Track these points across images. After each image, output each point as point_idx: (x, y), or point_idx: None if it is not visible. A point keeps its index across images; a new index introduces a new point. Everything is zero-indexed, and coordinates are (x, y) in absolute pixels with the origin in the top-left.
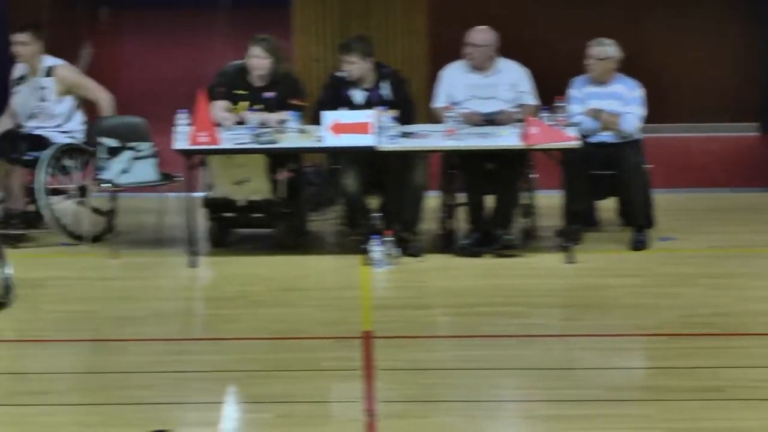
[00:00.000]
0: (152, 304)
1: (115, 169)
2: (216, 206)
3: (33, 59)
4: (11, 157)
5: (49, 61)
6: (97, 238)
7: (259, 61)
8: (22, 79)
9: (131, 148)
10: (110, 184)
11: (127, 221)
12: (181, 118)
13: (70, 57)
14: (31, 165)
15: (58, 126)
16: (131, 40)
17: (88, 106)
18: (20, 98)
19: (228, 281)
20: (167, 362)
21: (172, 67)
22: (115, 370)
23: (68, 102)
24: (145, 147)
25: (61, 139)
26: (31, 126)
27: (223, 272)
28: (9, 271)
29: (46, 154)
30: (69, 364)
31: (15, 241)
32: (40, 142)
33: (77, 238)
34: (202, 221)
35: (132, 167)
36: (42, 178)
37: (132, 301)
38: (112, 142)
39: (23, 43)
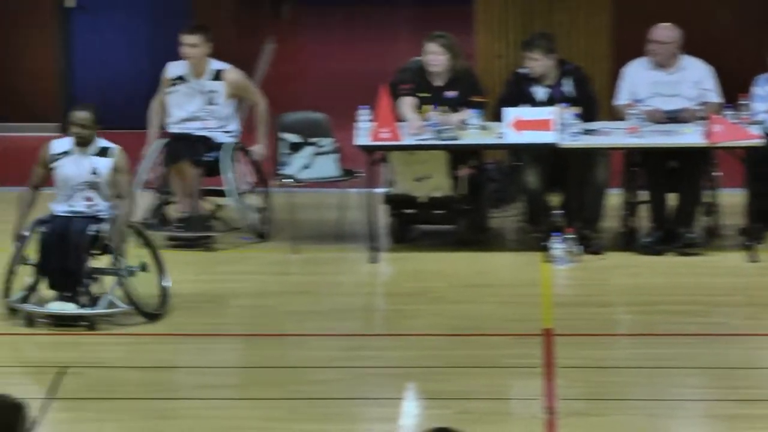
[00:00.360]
0: (333, 299)
1: (296, 165)
2: (397, 202)
3: (200, 62)
4: (195, 160)
5: (216, 64)
6: (265, 236)
7: (435, 57)
8: (179, 79)
9: (313, 144)
10: (292, 180)
11: (307, 217)
12: (363, 114)
13: (252, 53)
14: (210, 166)
15: (221, 127)
16: (313, 36)
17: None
18: (177, 98)
19: (408, 277)
20: (347, 357)
21: (353, 63)
22: (295, 364)
23: (232, 104)
24: (327, 143)
25: (224, 139)
26: (192, 127)
27: (403, 268)
28: (167, 282)
29: (225, 155)
30: (250, 358)
31: (208, 242)
32: (207, 143)
33: (260, 235)
34: (382, 217)
35: (313, 163)
36: (231, 177)
37: (312, 296)
38: (294, 138)
39: (193, 45)
